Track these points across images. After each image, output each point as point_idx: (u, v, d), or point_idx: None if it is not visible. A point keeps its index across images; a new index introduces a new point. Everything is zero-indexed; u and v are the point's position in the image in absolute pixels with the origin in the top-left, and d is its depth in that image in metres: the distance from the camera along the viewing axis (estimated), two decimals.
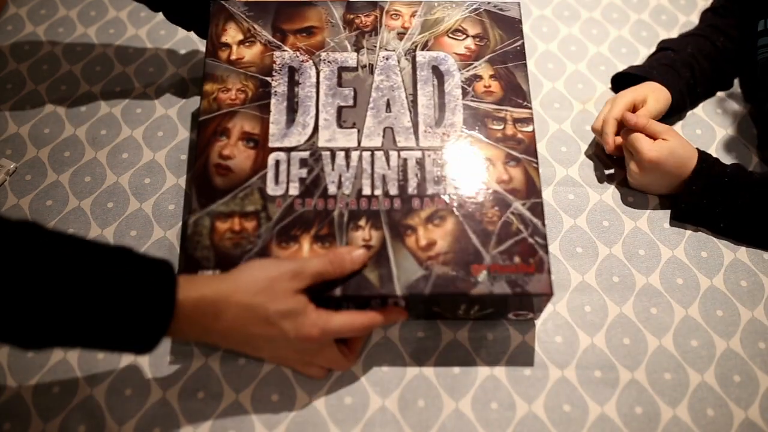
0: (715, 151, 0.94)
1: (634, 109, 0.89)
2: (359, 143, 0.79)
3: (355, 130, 0.79)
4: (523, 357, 0.78)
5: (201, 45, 1.02)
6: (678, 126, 0.95)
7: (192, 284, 0.65)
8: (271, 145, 0.78)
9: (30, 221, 0.60)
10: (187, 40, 1.03)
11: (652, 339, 0.79)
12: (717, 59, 0.96)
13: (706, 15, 1.03)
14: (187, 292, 0.63)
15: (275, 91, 0.82)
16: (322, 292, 0.70)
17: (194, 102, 0.96)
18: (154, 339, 0.63)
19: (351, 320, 0.69)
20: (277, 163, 0.77)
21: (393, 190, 0.76)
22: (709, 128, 0.96)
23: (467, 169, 0.77)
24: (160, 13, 0.92)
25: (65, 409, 0.73)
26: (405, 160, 0.78)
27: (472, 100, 0.82)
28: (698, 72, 0.95)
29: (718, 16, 1.00)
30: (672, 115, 0.95)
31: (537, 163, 0.78)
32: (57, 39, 1.03)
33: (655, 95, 0.90)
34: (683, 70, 0.94)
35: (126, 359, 0.76)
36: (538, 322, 0.80)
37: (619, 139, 0.88)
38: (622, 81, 0.97)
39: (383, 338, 0.78)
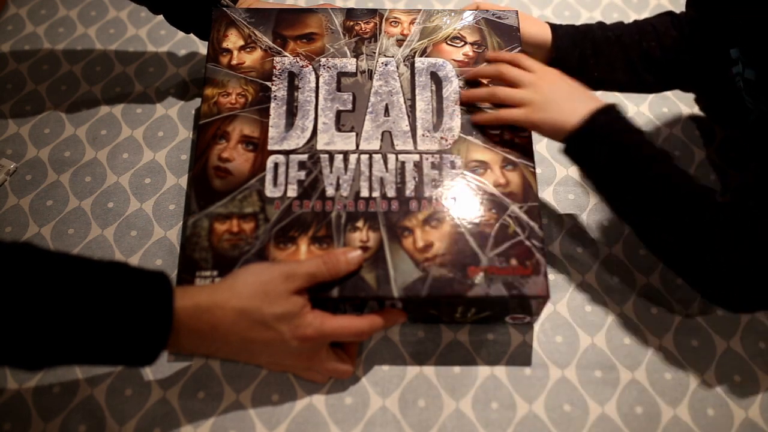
0: (715, 150, 0.93)
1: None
2: (357, 146, 0.79)
3: (354, 134, 0.80)
4: (524, 357, 0.78)
5: (201, 45, 1.03)
6: (678, 127, 0.95)
7: (187, 294, 0.65)
8: (270, 148, 0.79)
9: (23, 243, 0.60)
10: (187, 41, 1.03)
11: (652, 339, 0.79)
12: (633, 58, 0.91)
13: (662, 17, 0.95)
14: (183, 302, 0.63)
15: (275, 96, 0.82)
16: (321, 293, 0.70)
17: (194, 102, 0.96)
18: (154, 351, 0.63)
19: (348, 323, 0.69)
20: (276, 165, 0.78)
21: (391, 193, 0.76)
22: (709, 127, 0.96)
23: (465, 172, 0.78)
24: (157, 15, 0.92)
25: (65, 409, 0.73)
26: (403, 163, 0.78)
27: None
28: (604, 57, 0.91)
29: (670, 25, 0.92)
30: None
31: (534, 167, 0.78)
32: (57, 39, 1.03)
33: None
34: (587, 43, 0.91)
35: None
36: (538, 322, 0.80)
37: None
38: None
39: (383, 338, 0.78)
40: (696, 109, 0.97)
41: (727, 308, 0.79)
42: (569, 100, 0.77)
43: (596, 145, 0.75)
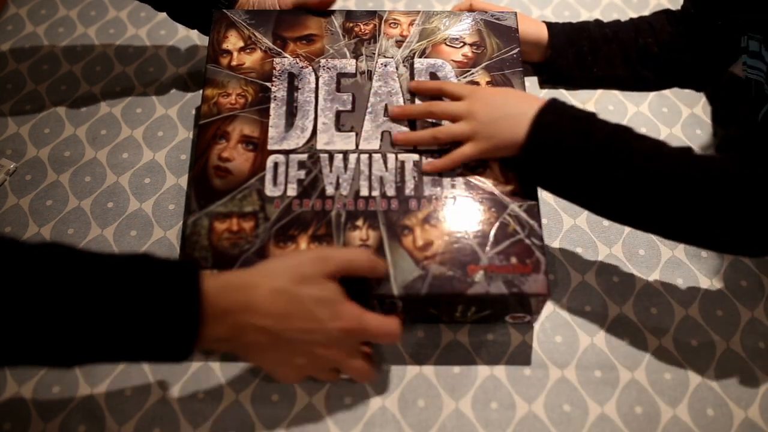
0: (714, 151, 0.93)
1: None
2: (357, 146, 0.79)
3: (354, 134, 0.80)
4: (523, 357, 0.78)
5: (201, 45, 1.03)
6: (678, 126, 0.95)
7: (216, 275, 0.62)
8: (270, 147, 0.79)
9: (51, 242, 0.59)
10: (187, 40, 1.03)
11: (652, 339, 0.79)
12: (631, 55, 0.92)
13: (658, 14, 0.95)
14: (212, 281, 0.61)
15: (275, 96, 0.82)
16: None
17: (194, 102, 0.96)
18: (189, 335, 0.60)
19: (386, 323, 0.67)
20: (276, 165, 0.78)
21: (390, 192, 0.76)
22: (708, 127, 0.96)
23: (464, 171, 0.78)
24: (160, 13, 0.92)
25: (65, 409, 0.73)
26: (402, 162, 0.78)
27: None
28: (602, 53, 0.92)
29: (666, 21, 0.93)
30: (557, 80, 0.94)
31: None
32: (57, 39, 1.03)
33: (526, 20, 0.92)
34: (583, 41, 0.92)
35: None
36: (538, 322, 0.80)
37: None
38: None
39: None
40: (695, 109, 0.97)
41: None
42: (509, 114, 0.74)
43: (552, 146, 0.71)
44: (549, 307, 0.81)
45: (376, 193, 0.76)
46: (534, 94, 0.79)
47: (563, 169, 0.72)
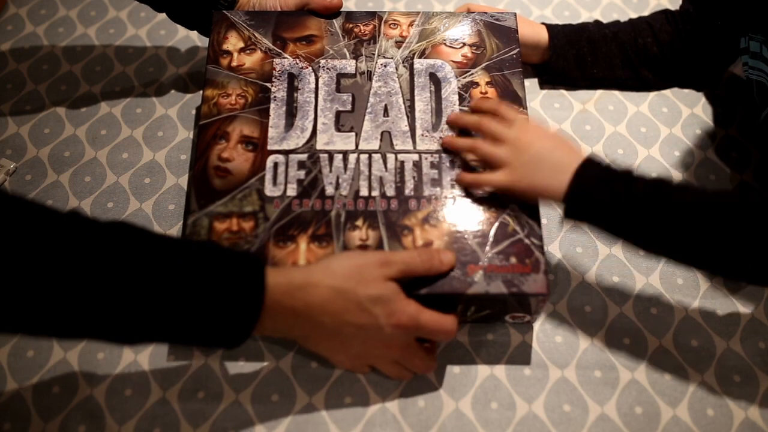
0: (714, 151, 0.93)
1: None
2: (357, 146, 0.79)
3: (353, 134, 0.80)
4: (523, 357, 0.78)
5: (201, 45, 1.03)
6: (678, 126, 0.95)
7: (280, 272, 0.65)
8: (269, 147, 0.79)
9: (120, 221, 0.60)
10: (187, 40, 1.03)
11: (652, 339, 0.79)
12: (630, 55, 0.93)
13: (658, 14, 0.96)
14: (276, 278, 0.63)
15: (275, 97, 0.82)
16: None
17: (194, 102, 0.96)
18: (245, 328, 0.62)
19: (440, 318, 0.68)
20: (276, 165, 0.78)
21: (390, 192, 0.76)
22: (709, 127, 0.96)
23: (464, 171, 0.78)
24: (160, 13, 0.92)
25: (65, 409, 0.73)
26: (402, 162, 0.78)
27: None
28: (601, 54, 0.92)
29: (665, 21, 0.94)
30: (558, 81, 0.95)
31: None
32: (57, 39, 1.03)
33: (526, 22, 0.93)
34: (583, 41, 0.92)
35: (126, 359, 0.76)
36: (538, 323, 0.80)
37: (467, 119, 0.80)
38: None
39: None
40: (695, 109, 0.97)
41: None
42: (555, 162, 0.72)
43: (594, 202, 0.70)
44: (549, 307, 0.81)
45: (375, 193, 0.76)
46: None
47: (606, 218, 0.71)
